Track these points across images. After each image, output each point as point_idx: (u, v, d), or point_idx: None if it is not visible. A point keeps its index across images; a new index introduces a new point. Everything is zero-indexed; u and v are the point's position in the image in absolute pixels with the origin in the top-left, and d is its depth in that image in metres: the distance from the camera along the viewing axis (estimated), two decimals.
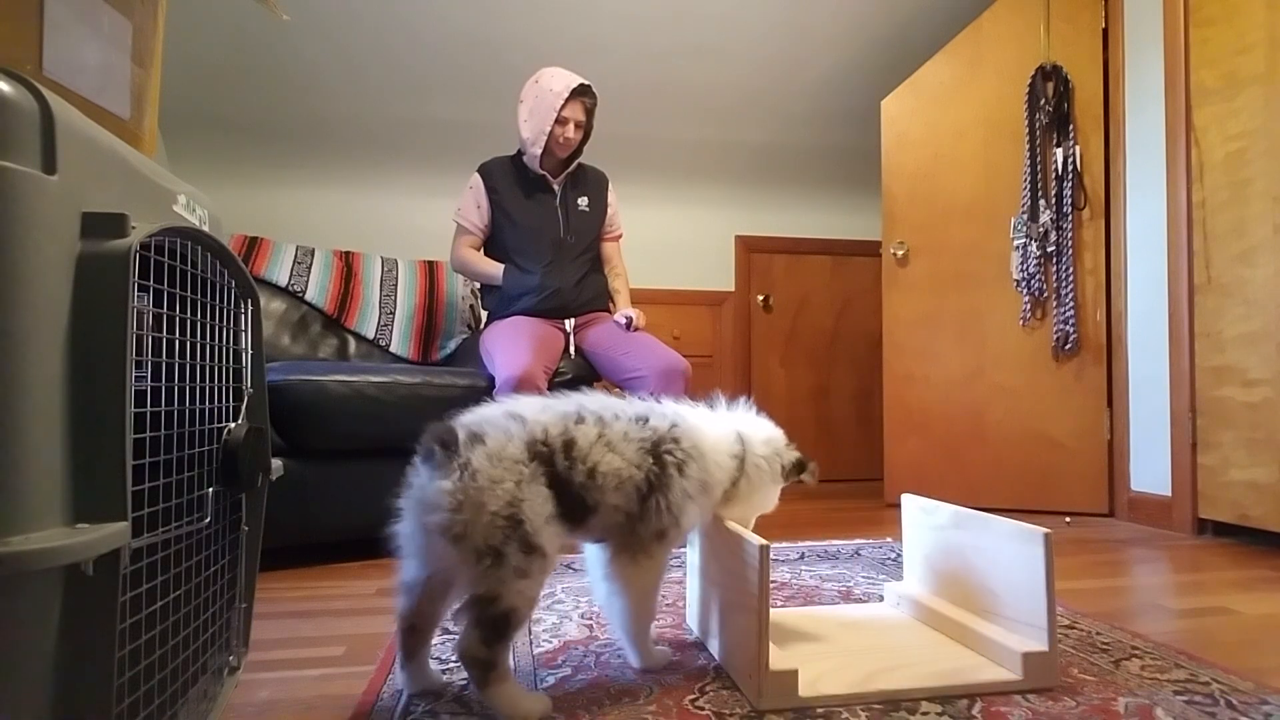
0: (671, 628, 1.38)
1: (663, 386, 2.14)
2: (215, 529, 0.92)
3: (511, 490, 0.96)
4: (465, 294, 2.89)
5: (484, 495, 0.94)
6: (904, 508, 1.47)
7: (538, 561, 0.97)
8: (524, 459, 0.99)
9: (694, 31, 3.03)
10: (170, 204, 0.85)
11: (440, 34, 2.92)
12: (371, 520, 2.01)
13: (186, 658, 0.83)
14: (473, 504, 0.94)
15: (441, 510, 0.94)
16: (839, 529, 2.44)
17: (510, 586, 0.95)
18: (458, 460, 0.95)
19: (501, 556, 0.94)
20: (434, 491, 0.95)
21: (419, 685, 1.09)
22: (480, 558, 0.94)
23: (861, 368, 3.78)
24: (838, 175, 3.74)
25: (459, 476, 0.94)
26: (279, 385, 1.88)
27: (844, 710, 1.02)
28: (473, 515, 0.94)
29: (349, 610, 1.54)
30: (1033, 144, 2.74)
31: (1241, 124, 2.22)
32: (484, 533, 0.94)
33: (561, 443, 1.03)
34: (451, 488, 0.94)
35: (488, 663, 0.96)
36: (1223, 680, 1.13)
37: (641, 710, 1.02)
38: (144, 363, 0.75)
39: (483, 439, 0.97)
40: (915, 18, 3.12)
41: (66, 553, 0.56)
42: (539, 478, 0.99)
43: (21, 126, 0.60)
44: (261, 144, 3.17)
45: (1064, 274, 2.71)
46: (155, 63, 0.97)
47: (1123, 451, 2.63)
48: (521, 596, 0.97)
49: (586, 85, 2.29)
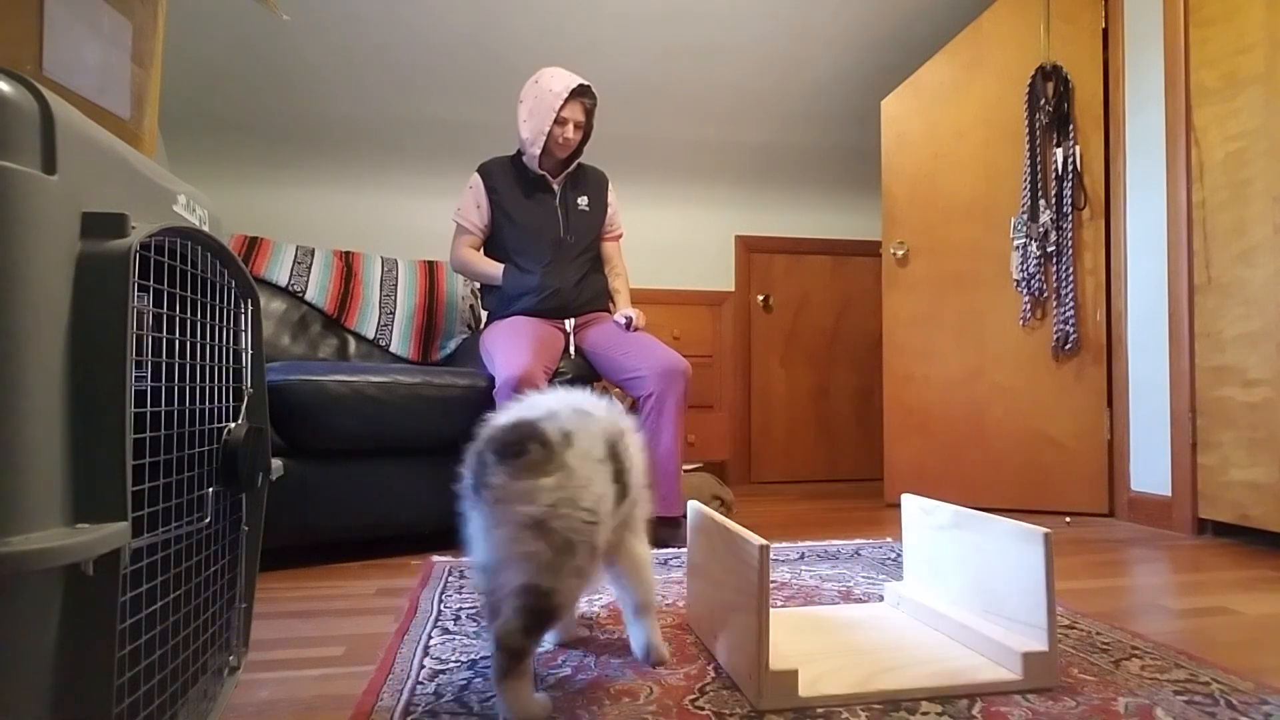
0: (672, 628, 1.38)
1: (662, 386, 2.14)
2: (215, 529, 0.92)
3: (600, 490, 1.02)
4: (465, 294, 2.89)
5: (580, 494, 0.99)
6: (904, 508, 1.47)
7: (595, 561, 1.03)
8: (605, 458, 1.06)
9: (694, 31, 3.03)
10: (170, 204, 0.85)
11: (440, 34, 2.92)
12: (372, 520, 2.02)
13: (186, 658, 0.83)
14: (569, 502, 0.98)
15: (538, 505, 0.97)
16: (839, 529, 2.44)
17: (567, 582, 0.99)
18: (557, 459, 0.99)
19: (573, 553, 0.99)
20: (530, 489, 0.97)
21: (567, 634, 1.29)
22: (559, 553, 0.98)
23: (861, 368, 3.78)
24: (838, 175, 3.74)
25: (560, 475, 0.98)
26: (279, 385, 1.88)
27: (844, 710, 1.02)
28: (570, 511, 0.98)
29: (349, 610, 1.54)
30: (1033, 144, 2.74)
31: (1241, 124, 2.22)
32: (570, 528, 0.98)
33: (620, 439, 1.11)
34: (553, 484, 0.98)
35: (521, 651, 0.98)
36: (1223, 680, 1.13)
37: (641, 710, 1.02)
38: (144, 363, 0.75)
39: (572, 439, 1.02)
40: (915, 18, 3.12)
41: (66, 553, 0.56)
42: (611, 475, 1.06)
43: (21, 126, 0.60)
44: (261, 144, 3.17)
45: (1064, 274, 2.71)
46: (155, 63, 0.97)
47: (1123, 451, 2.63)
48: (571, 594, 1.02)
49: (586, 86, 2.29)
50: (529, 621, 0.97)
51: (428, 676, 1.14)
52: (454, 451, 2.13)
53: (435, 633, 1.35)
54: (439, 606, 1.52)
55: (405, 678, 1.14)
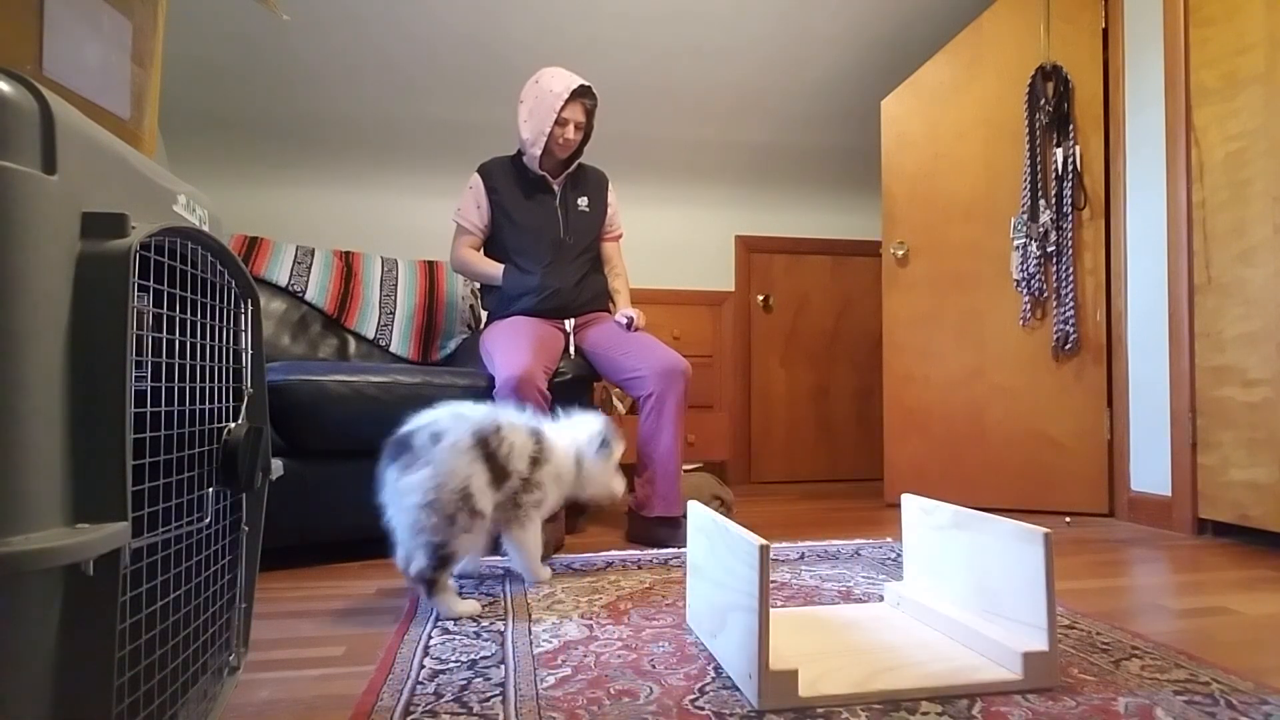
0: (672, 628, 1.38)
1: (662, 386, 2.14)
2: (215, 529, 0.92)
3: (466, 471, 1.46)
4: (465, 294, 2.89)
5: (449, 478, 1.44)
6: (904, 508, 1.47)
7: (478, 520, 1.48)
8: (473, 447, 1.48)
9: (694, 31, 3.03)
10: (170, 204, 0.85)
11: (441, 34, 2.92)
12: (371, 520, 2.01)
13: (186, 658, 0.83)
14: (440, 486, 1.43)
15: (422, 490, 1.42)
16: (839, 529, 2.44)
17: (458, 538, 1.44)
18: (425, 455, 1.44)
19: (454, 519, 1.44)
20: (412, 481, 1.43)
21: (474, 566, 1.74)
22: (445, 519, 1.43)
23: (861, 368, 3.78)
24: (838, 175, 3.74)
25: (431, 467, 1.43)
26: (279, 385, 1.88)
27: (844, 710, 1.02)
28: (442, 492, 1.43)
29: (349, 610, 1.54)
30: (1033, 144, 2.74)
31: (1241, 124, 2.22)
32: (447, 502, 1.43)
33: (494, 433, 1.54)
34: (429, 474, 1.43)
35: (434, 581, 1.44)
36: (1223, 680, 1.13)
37: (641, 710, 1.02)
38: (144, 363, 0.75)
39: (440, 437, 1.45)
40: (915, 18, 3.12)
41: (66, 553, 0.56)
42: (481, 459, 1.50)
43: (21, 126, 0.60)
44: (261, 144, 3.17)
45: (1064, 274, 2.71)
46: (155, 63, 0.97)
47: (1123, 451, 2.63)
48: (463, 544, 1.46)
49: (587, 86, 2.29)
50: (435, 563, 1.43)
51: (428, 676, 1.14)
52: None
53: (435, 633, 1.35)
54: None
55: (405, 678, 1.14)
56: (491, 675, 1.15)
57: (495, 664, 1.20)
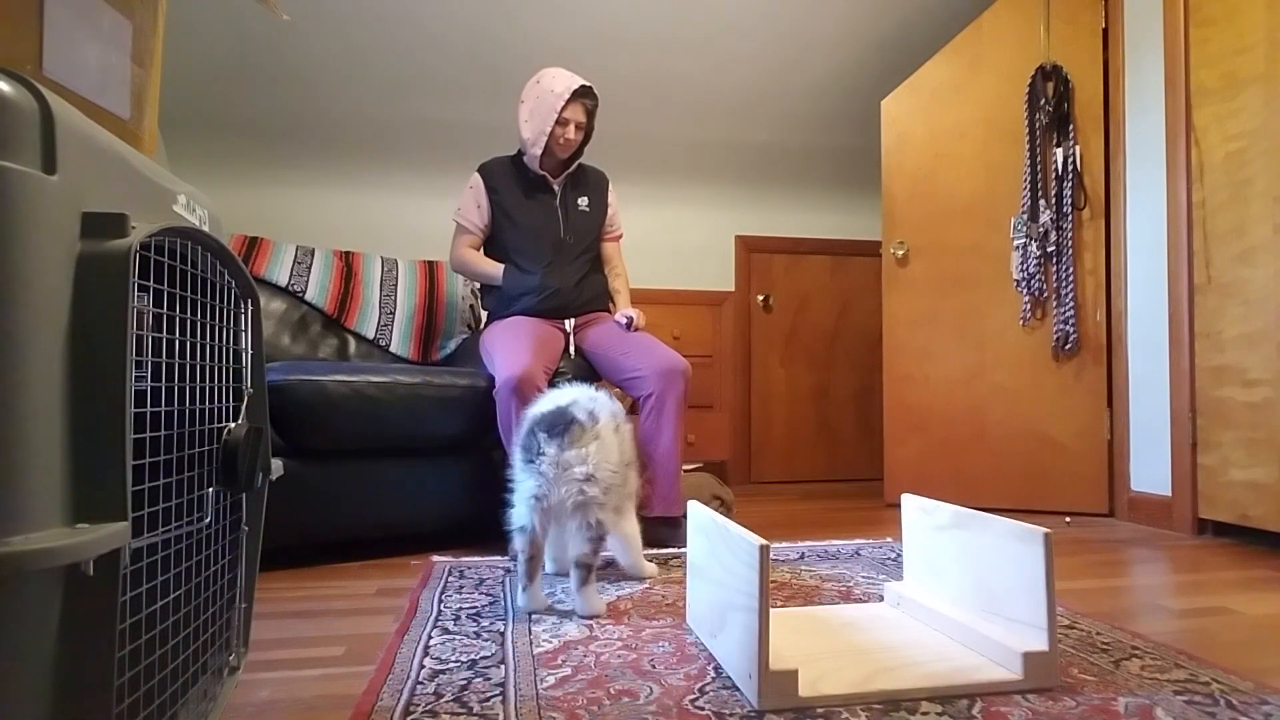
0: (671, 628, 1.38)
1: (662, 386, 2.14)
2: (215, 529, 0.92)
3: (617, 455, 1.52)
4: (465, 294, 2.89)
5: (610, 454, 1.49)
6: (904, 508, 1.47)
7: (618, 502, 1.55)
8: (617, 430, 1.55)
9: (694, 31, 3.03)
10: (170, 204, 0.85)
11: (441, 34, 2.92)
12: (371, 520, 2.02)
13: (186, 658, 0.83)
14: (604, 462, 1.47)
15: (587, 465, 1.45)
16: (839, 529, 2.44)
17: (608, 516, 1.49)
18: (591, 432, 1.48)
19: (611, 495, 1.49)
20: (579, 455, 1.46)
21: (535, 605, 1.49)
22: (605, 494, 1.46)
23: (861, 368, 3.78)
24: (838, 175, 3.74)
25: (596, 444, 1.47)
26: (279, 385, 1.88)
27: (844, 710, 1.02)
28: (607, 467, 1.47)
29: (349, 610, 1.54)
30: (1033, 144, 2.74)
31: (1241, 124, 2.22)
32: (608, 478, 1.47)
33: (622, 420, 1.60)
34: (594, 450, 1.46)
35: (591, 566, 1.46)
36: (1223, 680, 1.13)
37: (641, 710, 1.02)
38: (144, 363, 0.75)
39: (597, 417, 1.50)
40: (915, 18, 3.12)
41: (66, 553, 0.56)
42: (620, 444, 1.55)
43: (21, 126, 0.60)
44: (261, 144, 3.17)
45: (1064, 274, 2.71)
46: (155, 63, 0.97)
47: (1123, 451, 2.63)
48: (608, 524, 1.49)
49: (588, 87, 2.29)
50: (595, 546, 1.45)
51: (428, 676, 1.14)
52: (454, 451, 2.14)
53: (435, 633, 1.35)
54: (439, 606, 1.52)
55: (405, 678, 1.14)
56: (491, 675, 1.15)
57: (495, 664, 1.20)
